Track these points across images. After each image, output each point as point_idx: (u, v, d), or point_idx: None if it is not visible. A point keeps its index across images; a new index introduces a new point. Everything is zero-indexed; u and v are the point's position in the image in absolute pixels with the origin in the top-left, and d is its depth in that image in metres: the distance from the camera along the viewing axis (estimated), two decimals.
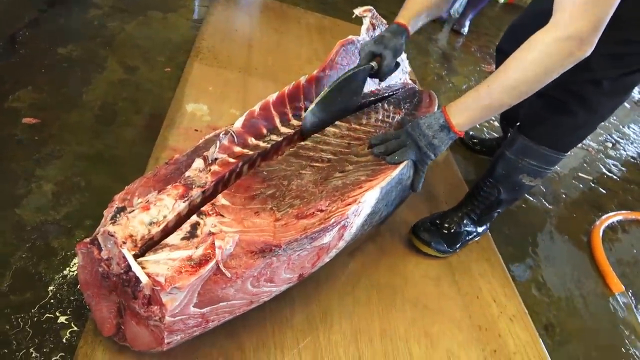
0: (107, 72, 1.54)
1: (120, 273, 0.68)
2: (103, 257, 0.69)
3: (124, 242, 0.68)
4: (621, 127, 2.69)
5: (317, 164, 0.98)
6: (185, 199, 0.78)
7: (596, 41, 0.87)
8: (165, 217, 0.74)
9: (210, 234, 0.72)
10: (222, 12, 2.17)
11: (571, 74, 0.93)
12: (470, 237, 1.31)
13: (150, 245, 0.71)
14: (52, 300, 0.87)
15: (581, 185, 1.95)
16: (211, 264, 0.68)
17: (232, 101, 1.57)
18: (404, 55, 1.60)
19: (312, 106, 1.04)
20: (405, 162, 1.02)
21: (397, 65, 1.21)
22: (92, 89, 1.44)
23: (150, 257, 0.67)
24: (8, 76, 1.37)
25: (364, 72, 1.13)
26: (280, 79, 1.79)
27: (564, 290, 1.38)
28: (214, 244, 0.69)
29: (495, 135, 2.03)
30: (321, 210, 0.84)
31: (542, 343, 1.12)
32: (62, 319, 0.85)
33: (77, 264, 0.75)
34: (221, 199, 0.80)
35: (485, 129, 2.09)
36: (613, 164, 2.21)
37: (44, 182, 1.09)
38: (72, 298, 0.88)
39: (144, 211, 0.73)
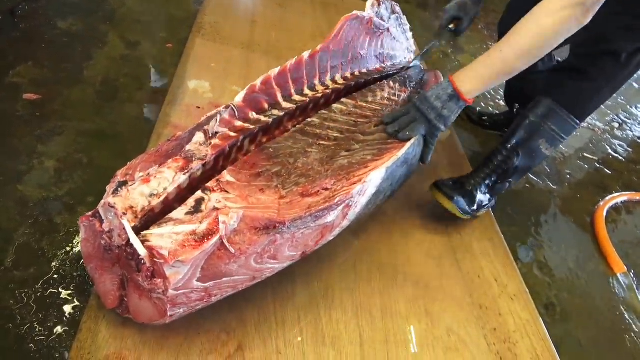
0: (108, 47, 1.52)
1: (122, 245, 0.69)
2: (105, 230, 0.70)
3: (124, 214, 0.68)
4: (628, 107, 2.65)
5: (323, 142, 0.97)
6: (186, 171, 0.78)
7: (597, 9, 0.92)
8: (165, 189, 0.74)
9: (215, 209, 0.72)
10: None
11: (593, 44, 1.05)
12: (481, 208, 1.31)
13: (151, 217, 0.71)
14: (55, 276, 0.88)
15: (586, 166, 1.93)
16: (215, 239, 0.68)
17: (235, 78, 1.55)
18: (409, 34, 1.58)
19: (416, 58, 1.44)
20: (412, 141, 1.02)
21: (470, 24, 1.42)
22: (93, 65, 1.42)
23: (154, 231, 0.68)
24: (8, 51, 1.36)
25: (446, 33, 1.43)
26: (283, 55, 1.77)
27: (566, 270, 1.39)
28: (218, 219, 0.69)
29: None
30: (326, 189, 0.84)
31: (542, 322, 1.13)
32: (65, 294, 0.86)
33: (80, 239, 0.75)
34: (226, 176, 0.80)
35: (490, 108, 2.07)
36: (619, 145, 2.19)
37: (46, 158, 1.09)
38: (75, 274, 0.89)
39: (144, 183, 0.73)
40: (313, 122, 1.01)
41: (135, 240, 0.65)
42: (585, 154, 2.01)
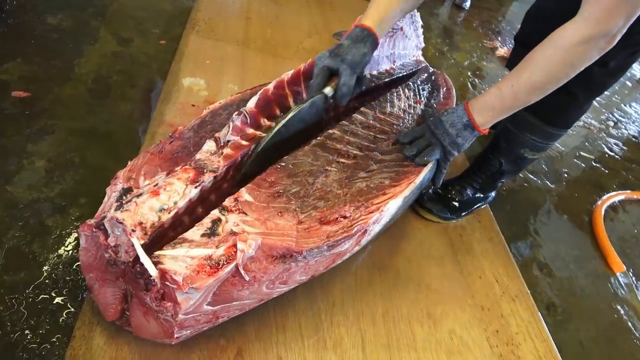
0: (100, 43, 1.48)
1: (129, 261, 0.65)
2: (110, 244, 0.66)
3: (134, 230, 0.65)
4: (622, 105, 2.66)
5: (343, 160, 0.96)
6: (197, 184, 0.75)
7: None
8: (175, 203, 0.71)
9: (232, 233, 0.69)
10: None
11: None
12: (475, 204, 1.32)
13: (160, 232, 0.68)
14: (47, 281, 0.84)
15: (583, 165, 1.93)
16: (231, 266, 0.65)
17: (230, 75, 1.52)
18: (420, 31, 1.54)
19: (243, 168, 0.87)
20: (428, 167, 1.02)
21: (361, 81, 1.02)
22: (85, 62, 1.39)
23: (167, 252, 0.65)
24: None
25: (314, 106, 0.94)
26: (279, 52, 1.74)
27: (566, 270, 1.38)
28: (235, 245, 0.67)
29: None
30: (344, 217, 0.83)
31: (544, 323, 1.11)
32: (58, 299, 0.82)
33: (80, 248, 0.72)
34: (244, 194, 0.77)
35: None
36: (615, 143, 2.19)
37: (36, 158, 1.05)
38: (68, 278, 0.86)
39: (153, 196, 0.70)
40: (334, 135, 1.00)
41: (146, 261, 0.62)
42: (581, 153, 2.01)
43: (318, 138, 0.98)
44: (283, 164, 0.89)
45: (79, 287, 0.85)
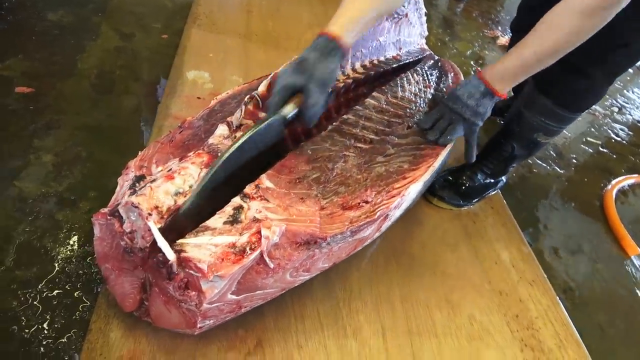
0: (102, 39, 1.46)
1: (146, 247, 0.64)
2: (125, 230, 0.64)
3: (150, 214, 0.63)
4: (625, 91, 2.64)
5: (360, 145, 0.96)
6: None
7: None
8: (191, 187, 0.69)
9: (255, 220, 0.68)
10: None
11: (602, 39, 0.90)
12: (487, 190, 1.31)
13: (175, 218, 0.66)
14: (60, 275, 0.83)
15: (590, 150, 1.92)
16: (255, 253, 0.64)
17: (234, 68, 1.50)
18: (423, 19, 1.52)
19: (190, 199, 0.69)
20: (447, 149, 1.02)
21: (328, 100, 0.87)
22: (87, 57, 1.37)
23: (190, 240, 0.63)
24: None
25: (271, 129, 0.79)
26: (281, 44, 1.72)
27: (580, 254, 1.36)
28: (259, 232, 0.65)
29: None
30: (366, 202, 0.81)
31: (562, 307, 1.10)
32: (72, 293, 0.80)
33: (94, 237, 0.70)
34: (265, 181, 0.75)
35: None
36: (620, 128, 2.18)
37: (43, 153, 1.03)
38: (81, 272, 0.84)
39: (168, 180, 0.68)
40: (349, 120, 0.99)
41: (163, 244, 0.61)
42: (588, 138, 1.99)
43: (334, 123, 0.97)
44: (300, 150, 0.88)
45: (93, 280, 0.83)
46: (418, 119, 1.12)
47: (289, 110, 0.81)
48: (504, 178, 1.35)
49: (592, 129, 2.09)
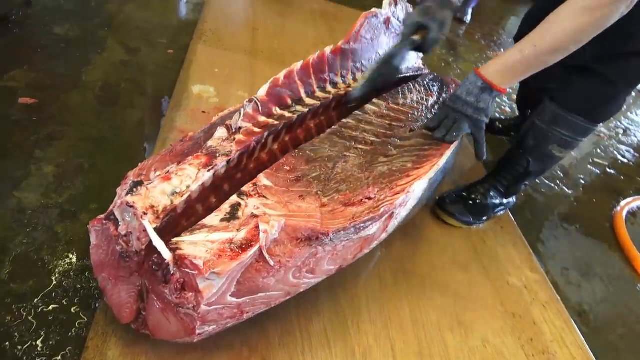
0: (107, 52, 1.46)
1: (141, 250, 0.60)
2: (121, 233, 0.61)
3: (145, 213, 0.60)
4: (629, 114, 2.65)
5: (360, 146, 0.93)
6: (210, 167, 0.71)
7: None
8: (188, 187, 0.67)
9: (253, 216, 0.65)
10: None
11: (615, 45, 0.96)
12: (497, 209, 1.28)
13: (173, 218, 0.64)
14: (57, 289, 0.79)
15: (597, 171, 1.90)
16: (254, 249, 0.60)
17: (240, 84, 1.49)
18: None
19: (360, 84, 1.03)
20: (452, 148, 1.00)
21: (440, 38, 1.15)
22: (92, 70, 1.36)
23: (186, 238, 0.60)
24: (2, 55, 1.29)
25: (408, 47, 1.10)
26: (287, 61, 1.72)
27: (592, 276, 1.33)
28: (257, 227, 0.62)
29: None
30: (369, 198, 0.78)
31: (577, 330, 1.06)
32: (69, 309, 0.77)
33: (90, 246, 0.67)
34: (263, 179, 0.73)
35: (497, 113, 2.03)
36: (626, 150, 2.16)
37: (44, 163, 1.01)
38: (79, 286, 0.80)
39: (165, 181, 0.65)
40: (349, 124, 0.98)
41: (158, 243, 0.57)
42: (594, 159, 1.98)
43: (333, 127, 0.94)
44: (299, 150, 0.85)
45: (91, 295, 0.79)
46: (422, 123, 1.11)
47: (416, 38, 1.09)
48: (513, 198, 1.32)
49: (598, 150, 2.08)
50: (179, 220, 0.69)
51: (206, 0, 1.98)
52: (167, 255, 0.57)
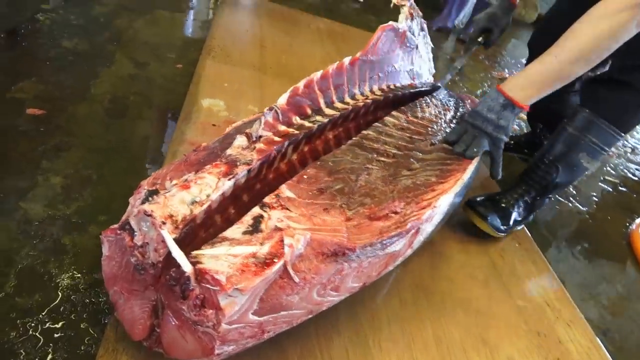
0: (116, 66, 1.44)
1: (158, 262, 0.57)
2: (137, 244, 0.58)
3: (164, 223, 0.56)
4: (635, 133, 2.64)
5: (383, 159, 0.91)
6: (230, 176, 0.67)
7: None
8: (208, 196, 0.63)
9: (277, 229, 0.61)
10: (230, 15, 2.09)
11: (638, 56, 0.99)
12: (518, 224, 1.25)
13: (192, 228, 0.60)
14: (64, 304, 0.75)
15: (610, 189, 1.87)
16: (279, 264, 0.57)
17: (249, 98, 1.47)
18: (430, 55, 1.54)
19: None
20: (475, 163, 0.99)
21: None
22: (100, 83, 1.34)
23: (206, 251, 0.56)
24: (10, 67, 1.27)
25: (470, 48, 1.45)
26: (295, 77, 1.68)
27: (612, 293, 1.28)
28: (282, 241, 0.59)
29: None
30: (395, 212, 0.76)
31: (604, 349, 1.01)
32: (77, 324, 0.72)
33: (102, 257, 0.63)
34: (285, 190, 0.70)
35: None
36: (636, 169, 2.15)
37: (52, 174, 0.98)
38: (88, 301, 0.76)
39: (183, 189, 0.62)
40: (369, 135, 0.96)
41: (178, 254, 0.53)
42: (606, 177, 1.96)
43: (353, 138, 0.92)
44: (321, 162, 0.82)
45: (100, 310, 0.75)
46: (442, 136, 1.09)
47: (480, 40, 1.38)
48: (531, 216, 1.29)
49: (608, 168, 2.06)
50: (197, 232, 0.66)
51: (214, 18, 1.98)
52: (187, 268, 0.53)
